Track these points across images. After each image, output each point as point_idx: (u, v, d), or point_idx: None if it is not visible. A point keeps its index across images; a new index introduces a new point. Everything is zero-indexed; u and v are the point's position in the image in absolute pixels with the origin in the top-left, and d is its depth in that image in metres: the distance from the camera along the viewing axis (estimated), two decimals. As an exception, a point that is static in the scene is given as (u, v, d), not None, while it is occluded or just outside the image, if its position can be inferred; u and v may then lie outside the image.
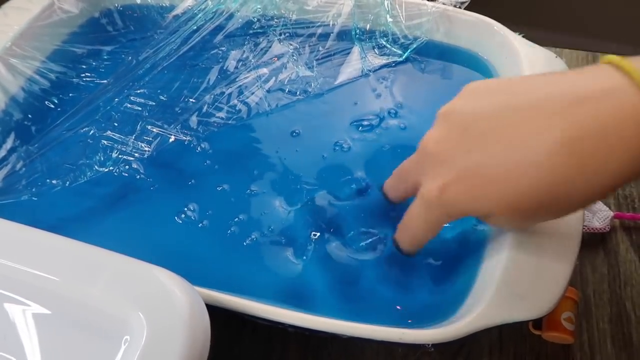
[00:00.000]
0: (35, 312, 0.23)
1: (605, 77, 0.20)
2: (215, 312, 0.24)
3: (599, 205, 0.36)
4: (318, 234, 0.30)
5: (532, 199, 0.21)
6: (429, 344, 0.24)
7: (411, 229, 0.26)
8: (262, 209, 0.31)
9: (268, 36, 0.40)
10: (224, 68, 0.38)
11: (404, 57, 0.39)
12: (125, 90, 0.36)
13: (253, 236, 0.30)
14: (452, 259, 0.29)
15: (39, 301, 0.23)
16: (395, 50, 0.39)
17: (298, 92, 0.37)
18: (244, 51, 0.39)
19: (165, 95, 0.36)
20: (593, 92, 0.20)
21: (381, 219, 0.31)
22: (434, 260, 0.29)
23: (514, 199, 0.22)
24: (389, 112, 0.36)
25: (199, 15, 0.39)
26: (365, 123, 0.35)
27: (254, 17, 0.40)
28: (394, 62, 0.39)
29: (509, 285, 0.25)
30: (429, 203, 0.24)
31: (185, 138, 0.34)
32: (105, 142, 0.34)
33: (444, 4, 0.38)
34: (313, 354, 0.31)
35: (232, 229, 0.31)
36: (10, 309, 0.23)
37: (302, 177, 0.33)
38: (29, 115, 0.36)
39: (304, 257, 0.29)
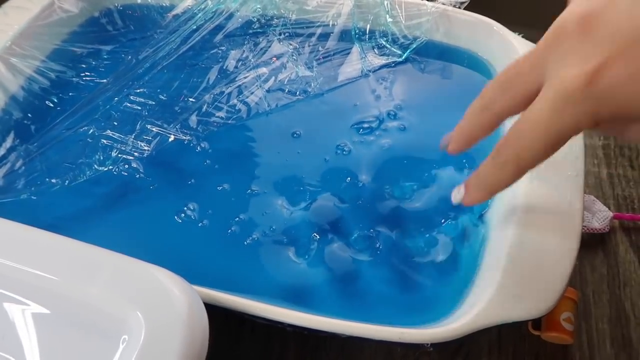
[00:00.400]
0: (34, 311, 0.23)
1: None
2: (214, 312, 0.24)
3: (599, 206, 0.36)
4: (319, 234, 0.30)
5: None
6: (428, 344, 0.24)
7: (524, 142, 0.18)
8: (262, 209, 0.31)
9: (268, 36, 0.40)
10: (224, 68, 0.38)
11: (403, 57, 0.39)
12: (125, 90, 0.36)
13: (253, 236, 0.30)
14: (451, 259, 0.29)
15: (38, 300, 0.23)
16: (394, 50, 0.39)
17: (298, 92, 0.37)
18: (244, 51, 0.39)
19: (164, 95, 0.36)
20: None
21: (382, 221, 0.31)
22: (433, 261, 0.29)
23: None
24: (389, 113, 0.36)
25: (199, 15, 0.39)
26: (365, 125, 0.35)
27: (253, 17, 0.40)
28: (393, 62, 0.39)
29: (508, 285, 0.25)
30: (571, 95, 0.17)
31: (184, 137, 0.34)
32: (104, 141, 0.34)
33: (443, 4, 0.38)
34: (312, 354, 0.31)
35: (231, 229, 0.31)
36: (9, 308, 0.23)
37: (303, 179, 0.33)
38: (29, 114, 0.36)
39: (305, 257, 0.29)
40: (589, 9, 0.16)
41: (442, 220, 0.31)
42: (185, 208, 0.31)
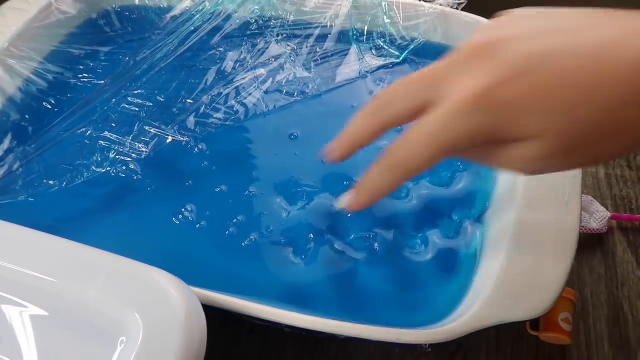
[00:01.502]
0: (32, 313, 0.23)
1: None
2: (212, 313, 0.24)
3: (596, 206, 0.36)
4: (317, 235, 0.30)
5: (604, 117, 0.16)
6: (426, 345, 0.24)
7: (412, 148, 0.19)
8: (260, 210, 0.31)
9: (266, 37, 0.40)
10: (222, 69, 0.38)
11: (401, 58, 0.39)
12: (123, 91, 0.36)
13: (251, 237, 0.30)
14: (449, 260, 0.29)
15: (36, 302, 0.23)
16: (392, 51, 0.39)
17: (296, 94, 0.37)
18: (242, 52, 0.39)
19: (162, 96, 0.36)
20: None
21: (380, 221, 0.31)
22: (431, 261, 0.29)
23: (584, 114, 0.16)
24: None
25: (197, 17, 0.39)
26: None
27: (251, 18, 0.40)
28: (391, 63, 0.39)
29: (506, 286, 0.25)
30: (463, 108, 0.18)
31: (182, 139, 0.34)
32: (102, 142, 0.34)
33: (441, 5, 0.38)
34: (310, 355, 0.31)
35: (229, 230, 0.31)
36: (7, 310, 0.23)
37: (301, 180, 0.32)
38: (26, 116, 0.36)
39: (303, 258, 0.29)
40: (492, 38, 0.18)
41: (441, 221, 0.31)
42: (183, 209, 0.31)
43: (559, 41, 0.17)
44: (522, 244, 0.26)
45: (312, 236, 0.30)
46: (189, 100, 0.36)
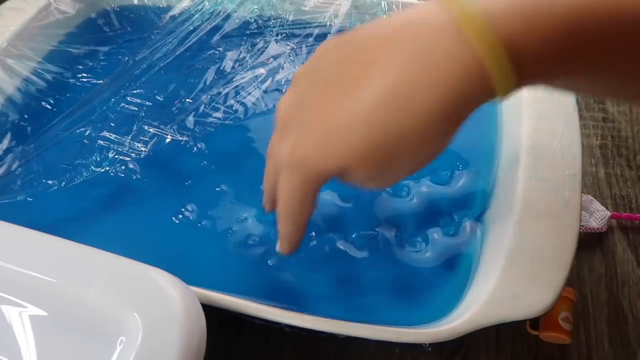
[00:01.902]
0: (32, 313, 0.23)
1: (431, 7, 0.20)
2: (212, 313, 0.24)
3: (596, 206, 0.36)
4: (318, 233, 0.30)
5: (372, 144, 0.20)
6: (426, 344, 0.24)
7: (284, 205, 0.24)
8: (260, 209, 0.31)
9: (265, 37, 0.40)
10: (221, 68, 0.38)
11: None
12: (122, 91, 0.36)
13: (250, 236, 0.30)
14: (449, 259, 0.29)
15: (35, 302, 0.23)
16: (392, 50, 0.39)
17: (295, 93, 0.37)
18: (241, 52, 0.39)
19: (161, 96, 0.36)
20: (415, 25, 0.20)
21: (381, 220, 0.31)
22: (432, 260, 0.29)
23: (356, 147, 0.20)
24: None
25: (196, 16, 0.39)
26: None
27: (250, 18, 0.40)
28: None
29: (506, 285, 0.25)
30: (287, 167, 0.23)
31: (181, 138, 0.34)
32: (101, 142, 0.34)
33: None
34: (310, 354, 0.31)
35: (229, 229, 0.30)
36: (6, 310, 0.23)
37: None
38: (25, 116, 0.36)
39: (303, 256, 0.29)
40: (289, 112, 0.23)
41: (441, 220, 0.31)
42: (183, 209, 0.31)
43: (324, 109, 0.21)
44: (522, 243, 0.26)
45: (313, 234, 0.30)
46: (188, 100, 0.36)
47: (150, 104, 0.36)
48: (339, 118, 0.21)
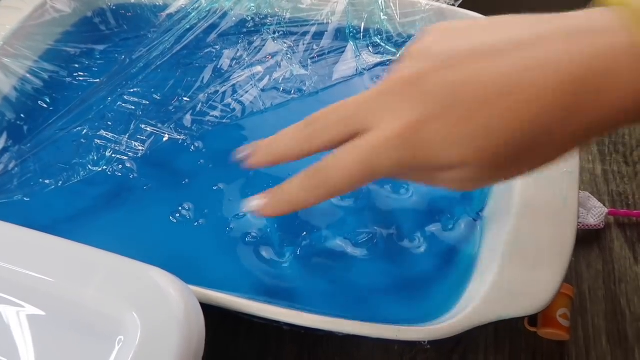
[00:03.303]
0: (29, 313, 0.23)
1: (596, 15, 0.18)
2: (211, 311, 0.24)
3: (594, 202, 0.36)
4: (316, 231, 0.30)
5: (523, 139, 0.18)
6: (425, 341, 0.24)
7: (340, 173, 0.20)
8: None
9: (262, 35, 0.39)
10: (218, 67, 0.38)
11: (398, 55, 0.39)
12: (119, 90, 0.36)
13: (249, 235, 0.30)
14: (447, 256, 0.29)
15: (33, 302, 0.23)
16: (389, 48, 0.39)
17: (292, 91, 0.37)
18: (238, 50, 0.39)
19: (159, 94, 0.36)
20: (581, 29, 0.17)
21: (379, 217, 0.31)
22: (430, 257, 0.29)
23: (503, 138, 0.18)
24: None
25: (193, 14, 0.39)
26: None
27: (247, 16, 0.40)
28: (388, 60, 0.39)
29: (504, 282, 0.25)
30: (389, 141, 0.19)
31: (179, 137, 0.34)
32: (98, 141, 0.33)
33: (438, 1, 0.38)
34: (309, 352, 0.31)
35: (228, 228, 0.30)
36: (3, 310, 0.23)
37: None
38: (22, 115, 0.36)
39: (302, 254, 0.29)
40: (416, 72, 0.19)
41: (440, 217, 0.31)
42: (181, 208, 0.31)
43: (477, 67, 0.18)
44: (520, 240, 0.26)
45: (311, 232, 0.30)
46: (185, 98, 0.36)
47: (148, 102, 0.36)
48: (486, 105, 0.17)
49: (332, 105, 0.21)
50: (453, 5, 0.38)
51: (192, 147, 0.34)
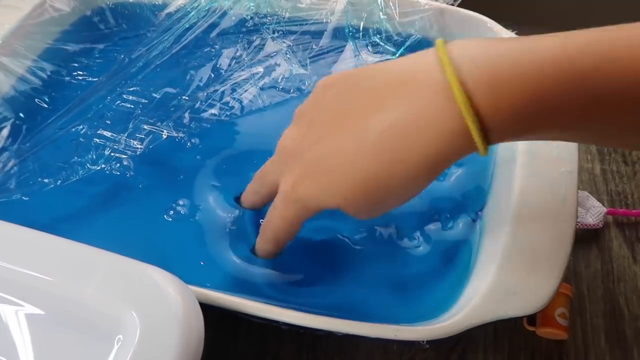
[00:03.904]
0: (28, 312, 0.23)
1: (422, 63, 0.22)
2: (210, 311, 0.24)
3: (592, 202, 0.36)
4: (315, 230, 0.30)
5: (365, 185, 0.23)
6: (423, 341, 0.24)
7: (273, 227, 0.26)
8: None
9: (261, 34, 0.39)
10: (217, 66, 0.38)
11: (397, 54, 0.39)
12: (118, 89, 0.36)
13: (247, 233, 0.30)
14: (446, 256, 0.29)
15: (32, 301, 0.23)
16: (388, 47, 0.39)
17: (292, 90, 0.37)
18: (237, 49, 0.39)
19: (158, 93, 0.36)
20: (415, 78, 0.22)
21: (379, 217, 0.31)
22: (429, 257, 0.29)
23: (351, 187, 0.23)
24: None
25: (192, 13, 0.39)
26: None
27: (247, 15, 0.40)
28: (387, 59, 0.39)
29: (503, 281, 0.25)
30: (286, 199, 0.25)
31: (178, 135, 0.34)
32: (97, 140, 0.33)
33: (437, 1, 0.38)
34: (307, 351, 0.31)
35: (227, 227, 0.30)
36: (2, 309, 0.23)
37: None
38: (21, 114, 0.36)
39: (300, 253, 0.29)
40: (294, 146, 0.25)
41: (439, 217, 0.31)
42: (179, 207, 0.31)
43: (325, 148, 0.24)
44: (519, 240, 0.27)
45: (311, 231, 0.30)
46: (184, 97, 0.36)
47: (147, 101, 0.36)
48: (338, 162, 0.23)
49: (259, 170, 0.28)
50: (452, 4, 0.38)
51: (188, 144, 0.34)
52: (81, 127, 0.34)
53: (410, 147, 0.22)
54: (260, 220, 0.31)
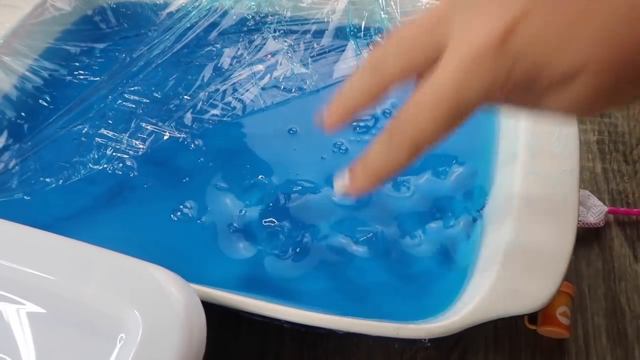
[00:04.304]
0: (30, 311, 0.23)
1: None
2: (212, 309, 0.24)
3: (593, 201, 0.36)
4: (317, 229, 0.30)
5: (634, 45, 0.14)
6: (425, 339, 0.24)
7: (425, 116, 0.16)
8: (258, 205, 0.31)
9: (262, 33, 0.39)
10: (219, 65, 0.38)
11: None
12: (119, 88, 0.36)
13: (249, 233, 0.30)
14: (448, 254, 0.29)
15: (34, 300, 0.23)
16: (389, 46, 0.39)
17: (293, 90, 0.37)
18: (239, 48, 0.39)
19: (159, 93, 0.36)
20: None
21: (379, 215, 0.31)
22: (430, 255, 0.29)
23: (622, 40, 0.14)
24: (384, 112, 0.36)
25: (193, 13, 0.39)
26: (362, 124, 0.35)
27: (248, 14, 0.40)
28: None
29: (504, 280, 0.25)
30: (482, 57, 0.15)
31: (179, 135, 0.34)
32: (99, 139, 0.33)
33: (437, 0, 0.38)
34: (309, 349, 0.31)
35: (228, 226, 0.30)
36: (4, 308, 0.23)
37: (300, 175, 0.32)
38: (22, 114, 0.36)
39: (303, 252, 0.29)
40: None
41: (439, 215, 0.31)
42: (182, 206, 0.31)
43: None
44: (520, 238, 0.27)
45: (313, 230, 0.30)
46: (185, 97, 0.36)
47: (148, 101, 0.36)
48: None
49: (399, 28, 0.17)
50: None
51: (192, 145, 0.34)
52: (82, 126, 0.34)
53: None
54: (264, 221, 0.30)
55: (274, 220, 0.31)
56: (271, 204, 0.31)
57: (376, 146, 0.18)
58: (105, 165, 0.32)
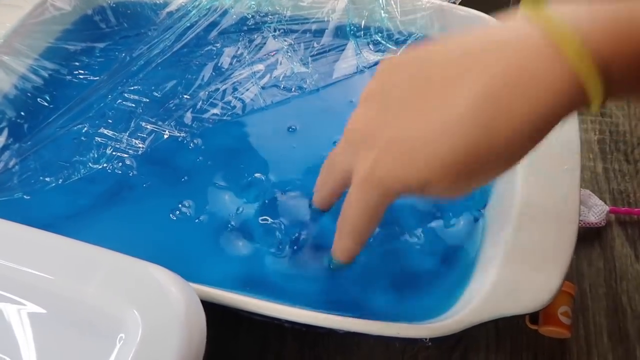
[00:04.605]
0: (30, 310, 0.23)
1: (517, 25, 0.20)
2: (212, 309, 0.24)
3: (595, 200, 0.36)
4: (317, 227, 0.30)
5: (459, 157, 0.20)
6: (426, 339, 0.24)
7: (352, 219, 0.24)
8: (259, 204, 0.31)
9: (262, 32, 0.39)
10: (219, 65, 0.38)
11: (399, 53, 0.39)
12: (119, 87, 0.36)
13: (249, 232, 0.30)
14: (449, 254, 0.29)
15: (34, 300, 0.23)
16: (390, 46, 0.39)
17: (293, 89, 0.37)
18: (239, 48, 0.39)
19: (159, 92, 0.36)
20: (503, 41, 0.20)
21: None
22: (431, 255, 0.29)
23: (442, 160, 0.20)
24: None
25: (193, 12, 0.38)
26: None
27: (248, 14, 0.40)
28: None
29: (505, 280, 0.25)
30: (365, 185, 0.23)
31: (179, 134, 0.34)
32: (98, 139, 0.33)
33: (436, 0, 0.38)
34: (310, 349, 0.31)
35: (228, 225, 0.30)
36: (4, 308, 0.23)
37: (300, 173, 0.32)
38: (22, 113, 0.36)
39: (302, 251, 0.29)
40: (365, 129, 0.23)
41: (441, 214, 0.31)
42: (181, 205, 0.31)
43: (407, 126, 0.21)
44: (521, 238, 0.26)
45: (312, 229, 0.30)
46: (185, 96, 0.36)
47: (148, 100, 0.35)
48: (422, 139, 0.20)
49: (326, 159, 0.26)
50: (453, 3, 0.38)
51: (191, 144, 0.34)
52: (82, 125, 0.34)
53: (513, 107, 0.19)
54: (273, 222, 0.30)
55: (270, 218, 0.30)
56: (270, 203, 0.31)
57: (336, 236, 0.25)
58: (105, 165, 0.32)
